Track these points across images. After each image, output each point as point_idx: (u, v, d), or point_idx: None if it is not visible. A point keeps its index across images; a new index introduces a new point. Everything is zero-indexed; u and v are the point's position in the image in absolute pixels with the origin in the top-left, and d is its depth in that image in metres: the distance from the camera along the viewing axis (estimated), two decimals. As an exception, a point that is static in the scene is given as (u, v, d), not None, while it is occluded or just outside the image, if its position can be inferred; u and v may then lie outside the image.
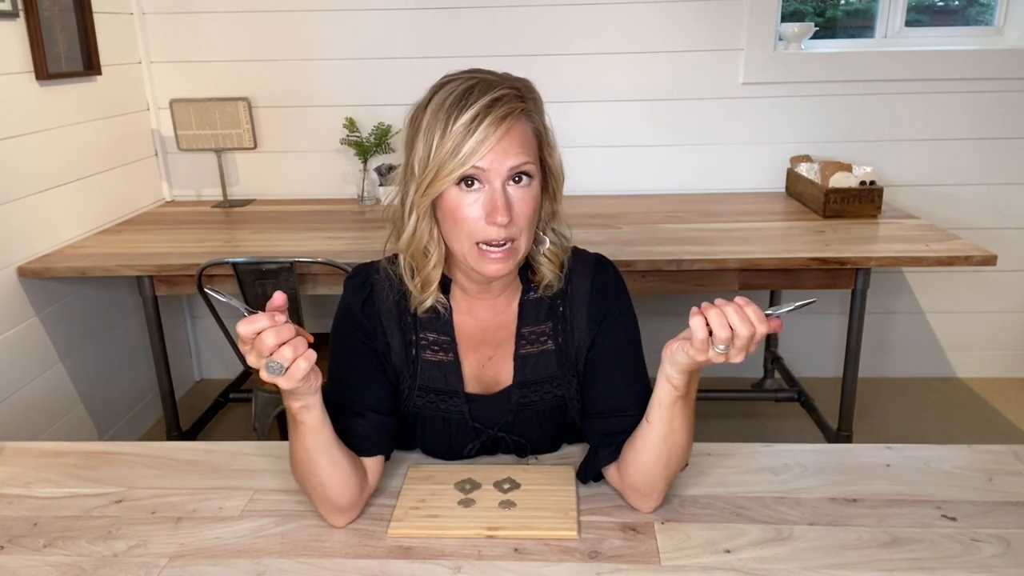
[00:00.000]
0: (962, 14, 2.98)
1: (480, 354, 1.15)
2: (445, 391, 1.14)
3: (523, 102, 1.02)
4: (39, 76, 2.20)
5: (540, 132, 1.05)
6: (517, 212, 1.01)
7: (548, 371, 1.14)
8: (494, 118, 0.98)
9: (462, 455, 1.16)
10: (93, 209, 2.49)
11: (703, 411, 3.23)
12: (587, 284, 1.15)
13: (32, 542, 1.00)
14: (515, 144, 1.00)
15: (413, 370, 1.14)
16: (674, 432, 1.00)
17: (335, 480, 1.00)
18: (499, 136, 0.98)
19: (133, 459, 1.19)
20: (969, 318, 3.00)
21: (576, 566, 0.93)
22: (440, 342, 1.14)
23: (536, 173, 1.03)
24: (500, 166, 0.99)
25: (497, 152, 0.99)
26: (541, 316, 1.15)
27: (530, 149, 1.02)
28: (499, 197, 0.99)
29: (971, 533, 0.97)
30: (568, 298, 1.15)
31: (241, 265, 1.98)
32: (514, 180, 1.01)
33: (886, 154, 2.78)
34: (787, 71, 2.73)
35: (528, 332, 1.14)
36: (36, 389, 2.22)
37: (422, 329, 1.14)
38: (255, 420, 2.25)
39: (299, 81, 2.81)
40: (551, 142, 1.08)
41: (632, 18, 2.70)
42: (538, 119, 1.05)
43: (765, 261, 2.08)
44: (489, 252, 1.02)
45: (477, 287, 1.13)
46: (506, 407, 1.15)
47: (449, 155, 0.98)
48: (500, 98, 0.99)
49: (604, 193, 2.82)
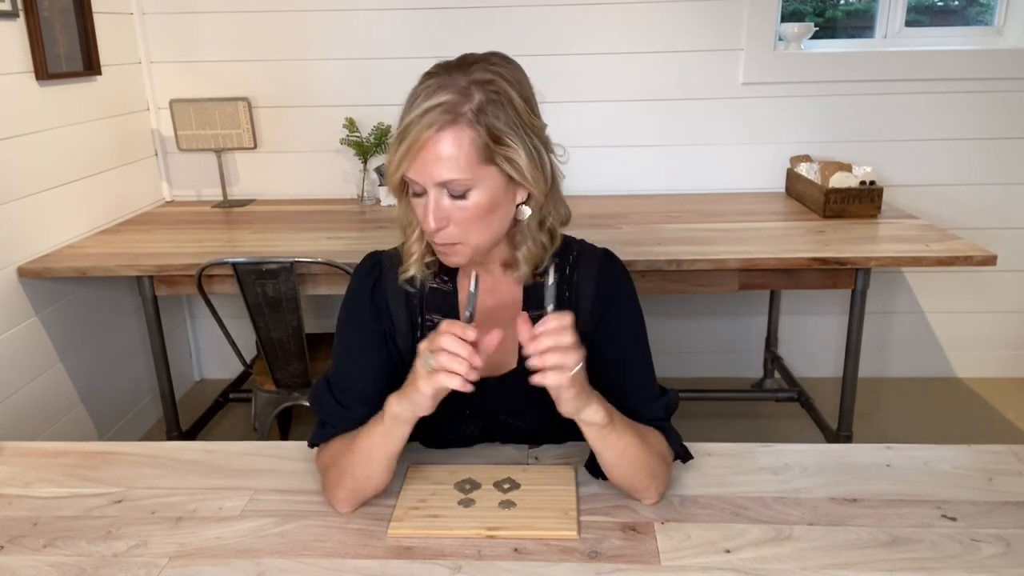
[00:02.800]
0: (962, 14, 2.98)
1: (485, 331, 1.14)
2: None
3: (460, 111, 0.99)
4: (39, 76, 2.20)
5: (490, 137, 1.00)
6: (457, 220, 1.03)
7: None
8: (420, 129, 0.99)
9: (463, 439, 1.17)
10: (93, 209, 2.49)
11: (703, 411, 3.23)
12: (594, 273, 1.16)
13: (32, 542, 1.00)
14: (442, 161, 0.99)
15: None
16: (626, 449, 1.02)
17: (381, 482, 1.05)
18: (421, 149, 0.99)
19: (133, 459, 1.19)
20: (969, 318, 3.00)
21: (576, 566, 0.93)
22: None
23: (479, 185, 1.01)
24: (427, 179, 1.01)
25: (421, 166, 1.00)
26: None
27: (464, 164, 1.00)
28: (431, 204, 1.02)
29: (971, 533, 0.97)
30: (573, 285, 1.16)
31: (241, 265, 1.98)
32: (450, 195, 1.02)
33: (886, 154, 2.78)
34: (787, 71, 2.73)
35: (533, 316, 1.13)
36: (36, 389, 2.22)
37: (428, 311, 1.16)
38: (255, 420, 2.25)
39: (299, 81, 2.81)
40: (513, 144, 1.01)
41: (632, 18, 2.70)
42: (489, 121, 1.00)
43: (765, 261, 2.08)
44: (440, 247, 1.07)
45: (479, 267, 1.14)
46: (507, 391, 1.15)
47: (391, 159, 1.03)
48: (437, 106, 0.99)
49: (604, 193, 2.82)
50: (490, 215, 1.04)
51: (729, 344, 3.08)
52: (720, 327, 3.07)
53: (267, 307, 2.02)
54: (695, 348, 3.07)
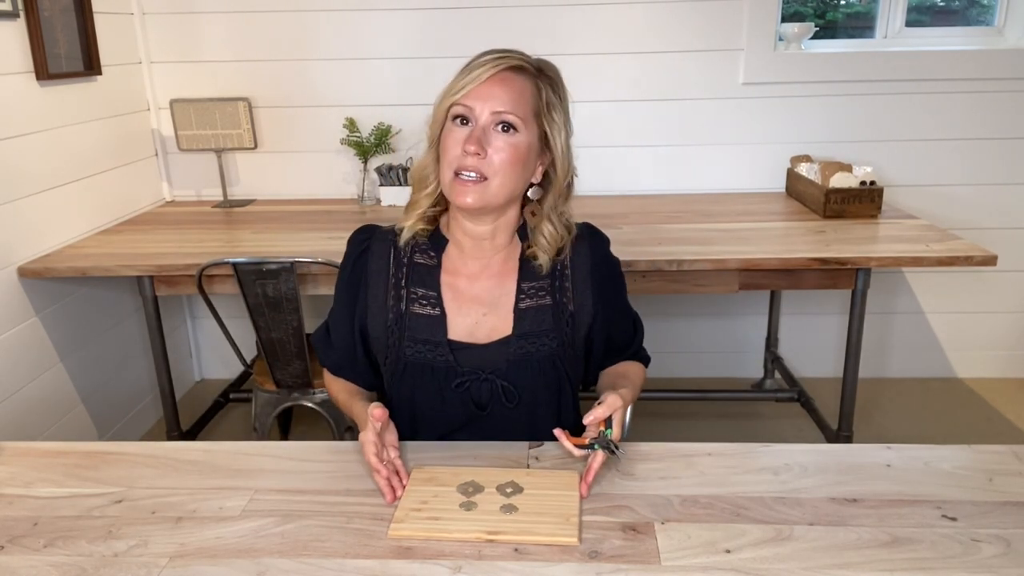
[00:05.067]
0: (962, 14, 2.98)
1: (474, 311, 1.23)
2: (432, 341, 1.23)
3: (533, 68, 1.15)
4: (39, 76, 2.20)
5: (545, 100, 1.15)
6: (492, 155, 1.12)
7: (544, 324, 1.24)
8: (491, 65, 1.11)
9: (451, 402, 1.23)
10: (93, 209, 2.49)
11: (703, 411, 3.23)
12: (586, 250, 1.27)
13: (32, 542, 1.00)
14: (506, 92, 1.12)
15: (403, 323, 1.23)
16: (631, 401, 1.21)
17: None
18: (489, 77, 1.11)
19: (133, 459, 1.19)
20: (969, 318, 3.00)
21: (576, 566, 0.93)
22: (428, 297, 1.24)
23: (524, 129, 1.13)
24: (484, 107, 1.12)
25: (484, 93, 1.11)
26: (541, 273, 1.24)
27: (522, 104, 1.13)
28: (476, 131, 1.12)
29: (971, 533, 0.97)
30: (565, 260, 1.26)
31: (241, 265, 1.98)
32: (501, 128, 1.12)
33: (886, 154, 2.78)
34: (787, 71, 2.73)
35: (528, 287, 1.24)
36: (36, 389, 2.22)
37: (413, 285, 1.24)
38: (255, 420, 2.25)
39: (299, 81, 2.81)
40: (556, 119, 1.17)
41: (632, 18, 2.70)
42: (547, 90, 1.16)
43: (765, 261, 2.08)
44: (461, 181, 1.14)
45: (472, 245, 1.23)
46: (501, 357, 1.23)
47: (449, 89, 1.14)
48: (510, 54, 1.13)
49: (604, 193, 2.82)
50: (520, 165, 1.15)
51: (729, 344, 3.08)
52: (720, 327, 3.07)
53: (267, 307, 2.02)
54: (695, 348, 3.07)
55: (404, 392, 1.26)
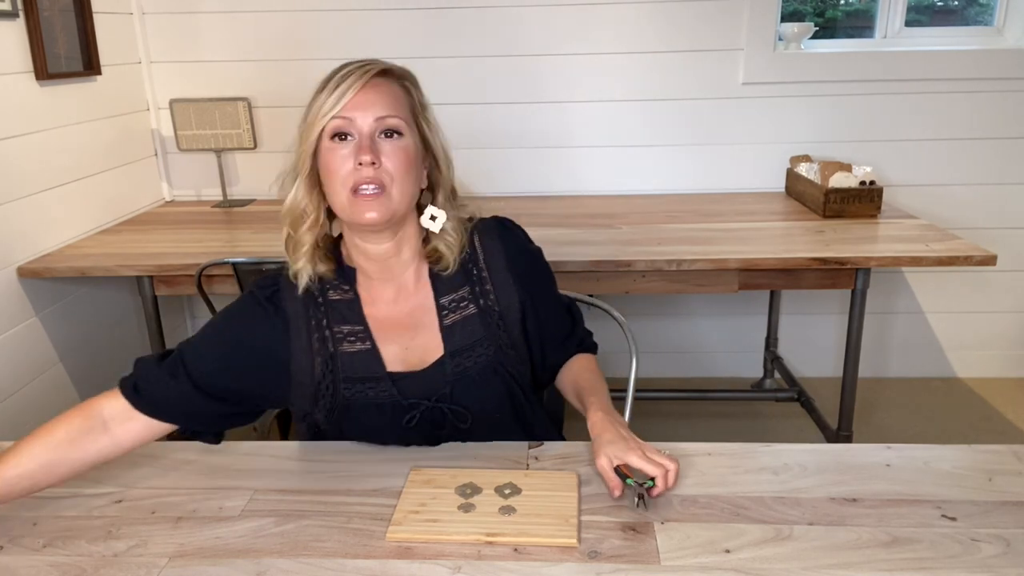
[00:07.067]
0: (962, 14, 2.98)
1: (402, 337, 1.18)
2: (369, 378, 1.16)
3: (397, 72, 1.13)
4: (39, 76, 2.20)
5: (415, 103, 1.14)
6: (386, 162, 1.08)
7: (475, 335, 1.18)
8: (361, 73, 1.08)
9: (404, 436, 1.17)
10: (93, 209, 2.49)
11: (703, 411, 3.23)
12: (498, 245, 1.22)
13: (32, 542, 1.00)
14: (382, 97, 1.09)
15: (334, 364, 1.16)
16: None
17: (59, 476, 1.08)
18: (363, 86, 1.08)
19: (133, 459, 1.19)
20: (969, 318, 3.00)
21: (576, 566, 0.93)
22: (355, 332, 1.17)
23: (408, 132, 1.11)
24: (366, 116, 1.08)
25: (361, 102, 1.08)
26: (456, 283, 1.19)
27: (399, 108, 1.11)
28: (364, 141, 1.08)
29: (971, 533, 0.97)
30: (479, 261, 1.21)
31: (241, 265, 1.98)
32: (384, 135, 1.09)
33: (886, 154, 2.78)
34: (787, 71, 2.73)
35: (448, 302, 1.19)
36: (36, 389, 2.22)
37: (335, 323, 1.17)
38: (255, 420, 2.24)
39: (299, 81, 2.78)
40: (430, 120, 1.16)
41: (632, 18, 2.70)
42: (414, 92, 1.15)
43: (765, 261, 2.08)
44: (362, 197, 1.08)
45: (379, 268, 1.18)
46: (441, 380, 1.17)
47: (319, 109, 1.09)
48: (374, 63, 1.10)
49: (604, 193, 2.82)
50: (414, 168, 1.12)
51: (729, 344, 3.08)
52: (720, 327, 3.07)
53: (267, 307, 2.02)
54: (695, 348, 3.08)
55: (353, 437, 1.19)
